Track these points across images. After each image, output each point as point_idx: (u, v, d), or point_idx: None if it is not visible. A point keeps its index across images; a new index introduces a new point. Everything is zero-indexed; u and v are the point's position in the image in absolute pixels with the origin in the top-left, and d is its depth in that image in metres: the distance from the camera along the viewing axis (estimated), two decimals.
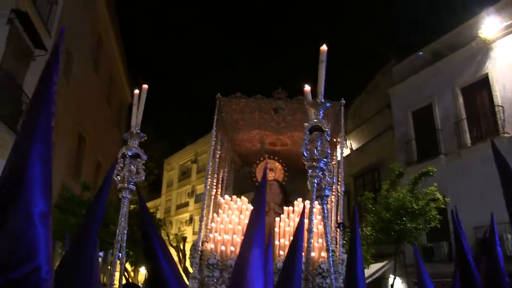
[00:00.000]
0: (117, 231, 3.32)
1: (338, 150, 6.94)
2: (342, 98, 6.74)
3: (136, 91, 3.78)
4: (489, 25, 16.10)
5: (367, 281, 14.81)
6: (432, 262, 14.16)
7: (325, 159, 2.90)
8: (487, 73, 16.12)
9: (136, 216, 15.71)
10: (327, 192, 3.21)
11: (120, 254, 3.36)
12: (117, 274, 3.30)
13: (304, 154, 2.89)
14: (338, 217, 6.16)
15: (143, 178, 3.89)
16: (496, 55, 15.91)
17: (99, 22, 20.00)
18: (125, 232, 3.38)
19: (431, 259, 14.81)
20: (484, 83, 16.22)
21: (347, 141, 20.83)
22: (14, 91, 11.83)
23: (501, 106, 15.31)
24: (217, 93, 6.91)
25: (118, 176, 3.48)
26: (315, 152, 2.89)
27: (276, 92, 6.81)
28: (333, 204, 6.20)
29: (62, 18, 14.24)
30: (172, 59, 70.97)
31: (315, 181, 2.87)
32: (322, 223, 6.54)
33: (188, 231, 35.93)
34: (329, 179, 3.23)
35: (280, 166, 8.36)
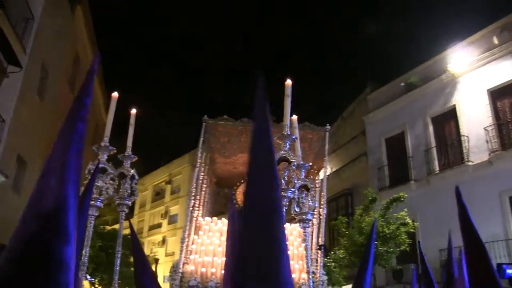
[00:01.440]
0: (83, 251, 3.27)
1: (321, 174, 7.08)
2: (328, 124, 7.02)
3: (115, 94, 3.78)
4: (457, 60, 16.88)
5: None
6: (400, 283, 14.51)
7: (292, 189, 3.01)
8: (454, 105, 16.86)
9: (111, 238, 15.49)
10: (309, 216, 3.37)
11: (88, 276, 3.27)
12: None
13: None
14: (319, 239, 6.21)
15: (136, 197, 3.88)
16: (463, 88, 16.69)
17: (77, 40, 19.91)
18: (87, 250, 3.34)
19: (400, 280, 15.16)
20: (452, 114, 16.95)
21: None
22: None
23: (467, 136, 16.02)
24: (194, 115, 7.04)
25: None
26: (283, 182, 3.02)
27: None
28: (314, 226, 6.23)
29: (38, 34, 13.96)
30: (152, 79, 70.95)
31: (284, 209, 2.94)
32: (302, 245, 6.63)
33: (160, 253, 35.40)
34: (311, 203, 3.40)
35: None
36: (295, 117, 3.72)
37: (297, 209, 3.33)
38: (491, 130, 15.18)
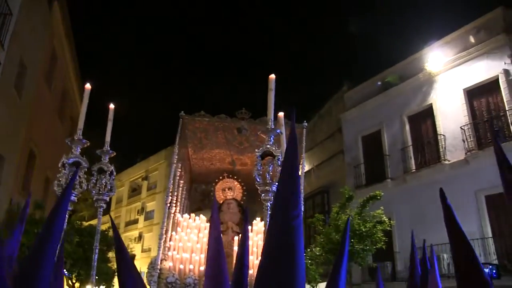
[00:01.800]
0: (58, 248, 3.19)
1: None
2: (305, 121, 7.03)
3: (88, 86, 3.68)
4: (434, 59, 17.15)
5: None
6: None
7: (277, 183, 2.97)
8: (431, 104, 17.14)
9: (88, 234, 15.38)
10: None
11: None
12: None
13: (256, 179, 3.03)
14: None
15: (114, 193, 3.86)
16: (440, 87, 16.96)
17: (54, 36, 19.65)
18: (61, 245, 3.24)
19: (375, 278, 15.37)
20: (429, 113, 17.23)
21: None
22: None
23: (443, 135, 16.30)
24: (171, 111, 6.99)
25: (59, 188, 3.28)
26: (267, 176, 3.02)
27: (239, 112, 6.82)
28: None
29: (16, 30, 13.81)
30: (129, 75, 70.15)
31: (268, 204, 2.98)
32: None
33: (137, 249, 35.26)
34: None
35: (239, 185, 8.41)
36: (281, 113, 3.70)
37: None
38: (468, 129, 15.44)
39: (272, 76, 3.20)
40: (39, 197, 17.33)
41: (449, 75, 16.68)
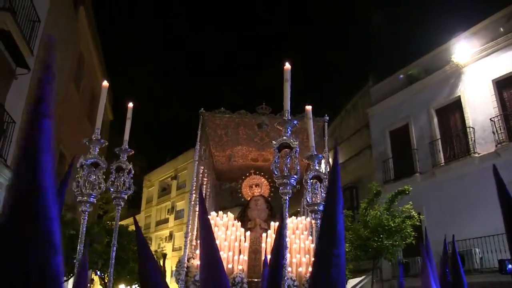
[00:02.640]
0: (78, 248, 3.16)
1: (322, 165, 7.01)
2: (326, 115, 6.83)
3: (105, 83, 3.65)
4: (461, 50, 16.82)
5: None
6: (407, 277, 14.53)
7: (295, 176, 2.90)
8: (459, 96, 16.82)
9: (119, 234, 15.62)
10: (321, 207, 3.21)
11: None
12: None
13: (274, 172, 2.92)
14: None
15: (132, 191, 3.87)
16: (468, 78, 16.62)
17: (81, 40, 20.08)
18: (81, 247, 3.17)
19: (406, 273, 15.18)
20: (457, 105, 16.90)
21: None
22: None
23: (472, 127, 15.97)
24: (200, 109, 6.84)
25: (78, 189, 3.27)
26: (285, 169, 2.92)
27: (260, 107, 6.76)
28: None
29: (44, 36, 14.21)
30: (154, 75, 70.98)
31: (287, 197, 2.88)
32: (308, 238, 6.55)
33: (168, 248, 35.70)
34: (324, 195, 3.24)
35: (266, 181, 8.32)
36: (309, 107, 3.65)
37: (309, 200, 3.28)
38: (498, 121, 15.11)
39: (288, 66, 3.13)
40: (70, 198, 17.71)
41: (477, 66, 16.34)
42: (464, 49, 16.73)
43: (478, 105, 15.97)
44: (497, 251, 13.29)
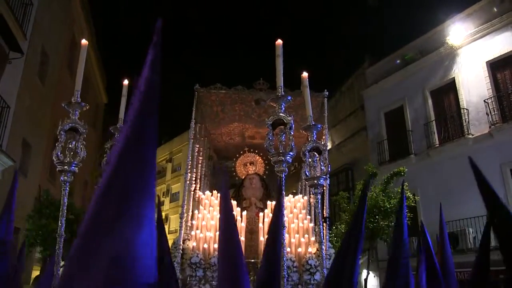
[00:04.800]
0: (59, 220, 2.99)
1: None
2: (326, 90, 6.54)
3: (84, 41, 3.47)
4: (456, 32, 16.83)
5: None
6: None
7: (291, 153, 2.81)
8: (454, 78, 16.87)
9: None
10: (321, 181, 3.16)
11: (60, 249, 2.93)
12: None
13: (268, 150, 2.84)
14: (324, 211, 5.79)
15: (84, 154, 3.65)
16: (462, 60, 16.66)
17: (74, 23, 19.87)
18: (63, 220, 3.00)
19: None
20: (452, 87, 16.97)
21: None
22: None
23: (466, 109, 16.07)
24: (192, 91, 6.53)
25: (57, 158, 3.09)
26: (280, 146, 2.82)
27: (257, 83, 6.47)
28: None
29: (37, 19, 14.00)
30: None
31: (283, 175, 2.76)
32: (307, 217, 6.31)
33: None
34: (323, 168, 3.21)
35: (261, 159, 8.06)
36: (305, 74, 3.45)
37: (308, 173, 3.14)
38: (491, 102, 15.19)
39: (279, 41, 3.04)
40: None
41: (472, 48, 16.37)
42: (458, 30, 16.73)
43: (472, 86, 16.04)
44: None
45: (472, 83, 16.06)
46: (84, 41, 3.52)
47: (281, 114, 2.93)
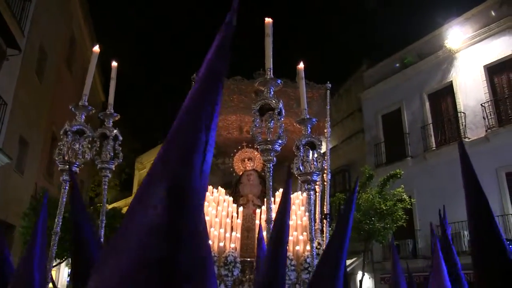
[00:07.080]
0: (56, 220, 2.96)
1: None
2: (328, 82, 6.28)
3: (96, 48, 3.42)
4: (454, 35, 16.90)
5: None
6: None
7: (280, 141, 2.61)
8: (451, 81, 16.94)
9: (112, 216, 15.55)
10: (314, 177, 2.96)
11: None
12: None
13: (256, 138, 2.63)
14: (324, 207, 5.62)
15: (121, 160, 3.50)
16: (460, 64, 16.73)
17: (72, 20, 19.81)
18: (60, 219, 2.97)
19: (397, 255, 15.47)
20: (449, 90, 17.04)
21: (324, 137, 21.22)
22: None
23: (463, 112, 16.15)
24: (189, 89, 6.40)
25: (60, 156, 3.08)
26: (268, 134, 2.60)
27: (257, 73, 6.06)
28: (317, 194, 5.66)
29: (35, 16, 13.95)
30: (147, 52, 70.26)
31: (271, 165, 2.60)
32: (306, 214, 5.92)
33: None
34: (317, 164, 3.00)
35: (259, 155, 7.29)
36: (301, 66, 3.24)
37: (302, 169, 2.95)
38: (488, 106, 15.25)
39: (269, 20, 2.80)
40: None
41: (470, 52, 16.44)
42: (457, 34, 16.78)
43: (470, 90, 16.10)
44: None
45: (470, 87, 16.12)
46: (95, 49, 3.43)
47: (269, 99, 2.68)
